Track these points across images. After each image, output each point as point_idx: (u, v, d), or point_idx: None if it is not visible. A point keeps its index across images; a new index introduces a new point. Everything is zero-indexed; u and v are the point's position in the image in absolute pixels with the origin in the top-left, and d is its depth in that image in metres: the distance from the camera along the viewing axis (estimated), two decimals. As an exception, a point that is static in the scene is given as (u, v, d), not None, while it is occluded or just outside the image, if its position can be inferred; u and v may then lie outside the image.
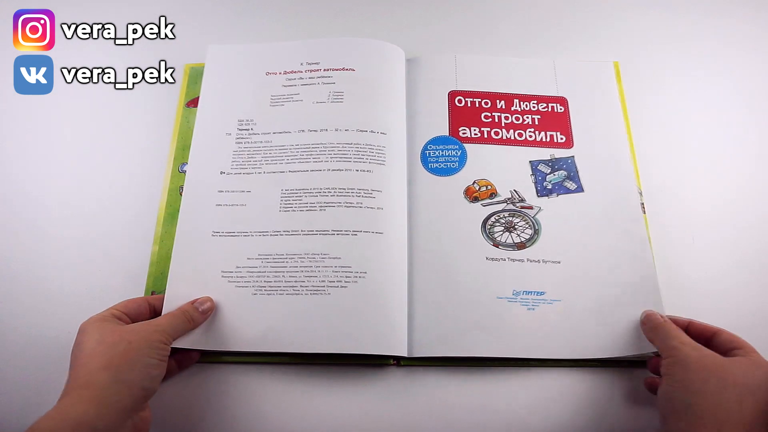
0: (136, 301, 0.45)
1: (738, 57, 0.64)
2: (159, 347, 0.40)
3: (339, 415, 0.46)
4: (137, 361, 0.38)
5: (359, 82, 0.57)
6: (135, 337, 0.39)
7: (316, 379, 0.47)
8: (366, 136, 0.54)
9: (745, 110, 0.61)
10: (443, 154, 0.55)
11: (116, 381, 0.36)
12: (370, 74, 0.57)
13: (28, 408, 0.37)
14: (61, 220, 0.54)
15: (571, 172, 0.54)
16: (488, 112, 0.57)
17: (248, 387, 0.47)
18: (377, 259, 0.49)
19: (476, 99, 0.58)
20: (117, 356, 0.37)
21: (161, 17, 0.65)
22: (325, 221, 0.50)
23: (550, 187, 0.53)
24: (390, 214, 0.51)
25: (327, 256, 0.49)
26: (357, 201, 0.51)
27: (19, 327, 0.49)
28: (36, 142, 0.58)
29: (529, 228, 0.52)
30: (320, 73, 0.58)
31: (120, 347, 0.38)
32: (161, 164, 0.55)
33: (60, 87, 0.62)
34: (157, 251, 0.51)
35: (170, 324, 0.42)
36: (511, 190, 0.53)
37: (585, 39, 0.66)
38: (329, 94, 0.56)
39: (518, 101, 0.58)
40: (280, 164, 0.53)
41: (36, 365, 0.40)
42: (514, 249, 0.51)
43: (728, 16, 0.66)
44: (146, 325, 0.41)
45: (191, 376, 0.47)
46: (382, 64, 0.58)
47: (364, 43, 0.59)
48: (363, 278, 0.48)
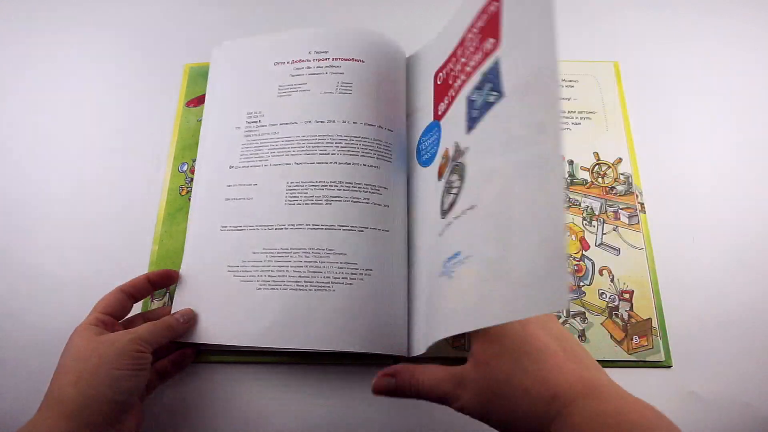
0: (112, 295, 0.44)
1: (738, 57, 0.64)
2: (134, 356, 0.39)
3: (337, 415, 0.46)
4: (106, 375, 0.37)
5: (368, 74, 0.56)
6: (107, 350, 0.38)
7: (314, 380, 0.47)
8: (374, 131, 0.53)
9: (745, 110, 0.62)
10: (429, 143, 0.52)
11: (85, 396, 0.36)
12: (378, 67, 0.56)
13: (27, 409, 0.37)
14: (61, 219, 0.54)
15: (495, 82, 0.38)
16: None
17: (245, 387, 0.47)
18: (383, 257, 0.48)
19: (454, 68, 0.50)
20: (87, 371, 0.37)
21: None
22: (331, 216, 0.49)
23: (476, 114, 0.40)
24: (394, 212, 0.51)
25: (332, 251, 0.48)
26: (364, 197, 0.50)
27: (19, 327, 0.48)
28: (35, 142, 0.57)
29: (459, 180, 0.41)
30: (328, 62, 0.57)
31: (91, 362, 0.38)
32: (161, 164, 0.55)
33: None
34: (156, 251, 0.51)
35: (149, 331, 0.41)
36: (452, 143, 0.44)
37: (585, 39, 0.66)
38: (337, 84, 0.55)
39: None
40: (286, 156, 0.52)
41: (35, 366, 0.39)
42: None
43: (728, 15, 0.67)
44: (123, 334, 0.40)
45: (188, 377, 0.47)
46: (388, 58, 0.57)
47: (372, 34, 0.58)
48: (369, 276, 0.47)
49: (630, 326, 0.49)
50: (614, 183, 0.55)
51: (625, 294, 0.51)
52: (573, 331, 0.49)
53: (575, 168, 0.56)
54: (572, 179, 0.56)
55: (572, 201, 0.55)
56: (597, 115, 0.59)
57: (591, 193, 0.55)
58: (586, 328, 0.49)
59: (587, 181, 0.55)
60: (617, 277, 0.51)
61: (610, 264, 0.52)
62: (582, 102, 0.59)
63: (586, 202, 0.55)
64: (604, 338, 0.49)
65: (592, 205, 0.54)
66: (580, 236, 0.53)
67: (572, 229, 0.53)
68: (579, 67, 0.61)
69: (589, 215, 0.54)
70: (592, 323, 0.49)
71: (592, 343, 0.49)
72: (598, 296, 0.51)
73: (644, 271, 0.52)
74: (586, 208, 0.54)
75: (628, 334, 0.49)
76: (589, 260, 0.52)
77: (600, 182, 0.55)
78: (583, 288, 0.51)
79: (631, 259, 0.52)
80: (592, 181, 0.55)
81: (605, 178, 0.56)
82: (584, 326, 0.49)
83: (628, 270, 0.51)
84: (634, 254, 0.52)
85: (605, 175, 0.56)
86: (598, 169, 0.56)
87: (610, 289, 0.51)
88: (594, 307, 0.50)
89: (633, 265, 0.52)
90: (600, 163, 0.56)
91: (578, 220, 0.54)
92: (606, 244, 0.53)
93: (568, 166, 0.56)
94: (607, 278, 0.51)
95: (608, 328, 0.49)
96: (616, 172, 0.56)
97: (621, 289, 0.51)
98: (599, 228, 0.53)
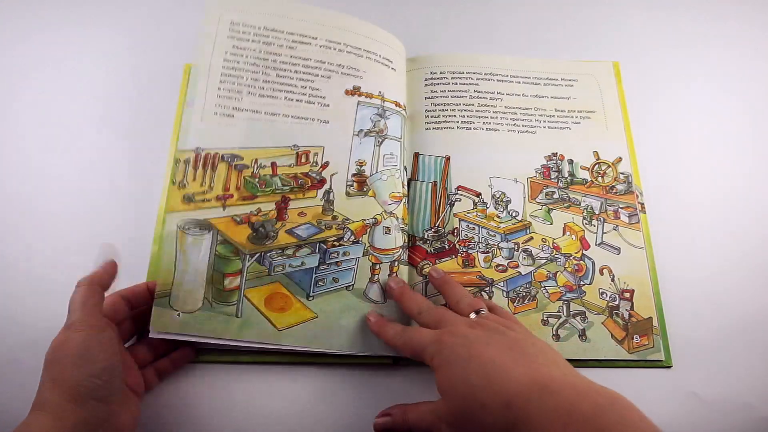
0: (110, 299, 0.42)
1: (738, 57, 0.65)
2: (92, 313, 0.38)
3: (336, 416, 0.45)
4: (74, 356, 0.36)
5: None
6: (71, 343, 0.37)
7: (313, 379, 0.47)
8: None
9: (745, 110, 0.62)
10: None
11: (66, 399, 0.35)
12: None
13: (23, 410, 0.36)
14: (60, 219, 0.53)
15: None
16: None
17: (243, 387, 0.46)
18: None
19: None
20: (58, 365, 0.36)
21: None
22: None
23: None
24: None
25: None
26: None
27: (18, 328, 0.48)
28: (34, 142, 0.57)
29: None
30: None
31: (65, 360, 0.36)
32: (161, 164, 0.54)
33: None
34: (156, 251, 0.49)
35: (80, 298, 0.39)
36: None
37: (585, 39, 0.66)
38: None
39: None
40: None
41: (34, 367, 0.39)
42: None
43: (728, 16, 0.67)
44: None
45: (186, 377, 0.46)
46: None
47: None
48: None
49: (631, 325, 0.49)
50: (614, 182, 0.55)
51: (625, 293, 0.50)
52: (573, 330, 0.49)
53: (575, 167, 0.56)
54: (572, 179, 0.55)
55: (572, 200, 0.54)
56: (597, 114, 0.59)
57: (591, 192, 0.55)
58: (587, 327, 0.49)
59: (587, 181, 0.55)
60: (618, 277, 0.51)
61: (611, 263, 0.52)
62: (581, 101, 0.59)
63: (586, 202, 0.54)
64: (605, 338, 0.49)
65: (592, 205, 0.54)
66: (580, 236, 0.53)
67: (572, 228, 0.53)
68: (578, 66, 0.61)
69: (589, 214, 0.54)
70: (592, 323, 0.49)
71: (593, 343, 0.48)
72: (599, 295, 0.50)
73: (644, 270, 0.51)
74: (587, 208, 0.54)
75: (629, 333, 0.49)
76: (590, 259, 0.52)
77: (600, 181, 0.55)
78: (583, 287, 0.51)
79: (632, 258, 0.52)
80: (592, 181, 0.55)
81: (605, 177, 0.56)
82: (584, 325, 0.49)
83: (628, 269, 0.51)
84: (634, 253, 0.52)
85: (605, 175, 0.56)
86: (597, 168, 0.56)
87: (610, 288, 0.51)
88: (594, 307, 0.50)
89: (633, 264, 0.52)
90: (600, 162, 0.56)
91: (578, 220, 0.54)
92: (606, 244, 0.53)
93: (568, 166, 0.56)
94: (608, 277, 0.51)
95: (609, 328, 0.49)
96: (616, 171, 0.56)
97: (621, 289, 0.51)
98: (599, 227, 0.53)
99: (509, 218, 0.53)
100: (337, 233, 0.49)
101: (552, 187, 0.55)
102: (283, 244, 0.48)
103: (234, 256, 0.47)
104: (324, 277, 0.47)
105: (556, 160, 0.56)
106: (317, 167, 0.50)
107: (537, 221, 0.53)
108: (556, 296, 0.50)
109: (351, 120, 0.52)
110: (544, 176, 0.55)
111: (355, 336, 0.46)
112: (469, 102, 0.58)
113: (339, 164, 0.50)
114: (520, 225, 0.53)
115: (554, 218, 0.54)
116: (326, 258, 0.48)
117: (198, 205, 0.48)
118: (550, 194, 0.55)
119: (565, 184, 0.55)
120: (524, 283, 0.51)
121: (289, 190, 0.49)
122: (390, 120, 0.53)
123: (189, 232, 0.47)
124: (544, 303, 0.50)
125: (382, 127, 0.52)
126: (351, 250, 0.48)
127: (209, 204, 0.48)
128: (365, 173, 0.51)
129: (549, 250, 0.52)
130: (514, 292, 0.50)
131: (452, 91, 0.58)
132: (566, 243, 0.53)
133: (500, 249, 0.52)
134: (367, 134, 0.52)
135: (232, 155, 0.49)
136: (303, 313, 0.46)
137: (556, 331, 0.49)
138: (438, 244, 0.51)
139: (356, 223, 0.49)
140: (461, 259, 0.51)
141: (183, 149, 0.48)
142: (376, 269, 0.48)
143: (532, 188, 0.55)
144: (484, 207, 0.53)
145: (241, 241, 0.47)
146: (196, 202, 0.48)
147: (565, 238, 0.53)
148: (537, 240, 0.53)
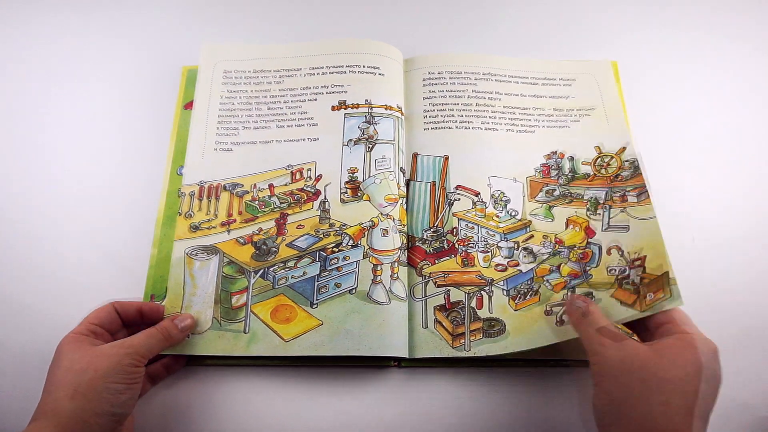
0: (105, 309, 0.43)
1: (738, 56, 0.63)
2: (129, 371, 0.38)
3: (339, 417, 0.45)
4: (104, 389, 0.37)
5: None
6: (103, 363, 0.38)
7: (316, 381, 0.47)
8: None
9: (745, 110, 0.60)
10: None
11: (83, 410, 0.36)
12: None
13: (26, 411, 0.38)
14: (60, 222, 0.54)
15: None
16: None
17: (238, 390, 0.47)
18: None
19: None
20: (83, 385, 0.37)
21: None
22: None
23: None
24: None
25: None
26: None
27: (18, 331, 0.49)
28: (33, 145, 0.58)
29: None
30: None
31: (87, 375, 0.37)
32: (160, 167, 0.55)
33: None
34: (156, 254, 0.51)
35: (145, 344, 0.41)
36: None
37: (583, 38, 0.66)
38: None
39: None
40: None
41: (34, 368, 0.41)
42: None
43: (728, 15, 0.66)
44: (118, 347, 0.39)
45: (180, 380, 0.47)
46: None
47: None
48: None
49: (643, 287, 0.46)
50: (619, 171, 0.54)
51: (636, 261, 0.48)
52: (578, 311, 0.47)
53: (576, 163, 0.55)
54: (573, 175, 0.54)
55: (574, 195, 0.53)
56: (596, 111, 0.58)
57: (594, 185, 0.53)
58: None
59: (589, 174, 0.54)
60: (627, 251, 0.49)
61: (620, 241, 0.50)
62: (580, 100, 0.59)
63: (589, 194, 0.53)
64: (614, 306, 0.46)
65: (596, 195, 0.53)
66: (585, 226, 0.51)
67: (575, 221, 0.52)
68: (577, 65, 0.61)
69: (593, 205, 0.52)
70: (600, 299, 0.47)
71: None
72: (607, 273, 0.48)
73: (657, 235, 0.48)
74: (590, 199, 0.53)
75: (641, 294, 0.46)
76: (596, 245, 0.50)
77: (603, 173, 0.54)
78: (590, 272, 0.49)
79: (642, 229, 0.49)
80: (594, 174, 0.54)
81: (609, 168, 0.54)
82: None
83: (639, 239, 0.49)
84: (644, 225, 0.50)
85: (609, 166, 0.54)
86: (600, 161, 0.55)
87: (619, 263, 0.49)
88: (601, 285, 0.48)
89: (644, 233, 0.49)
90: (603, 155, 0.55)
91: (582, 212, 0.52)
92: (613, 226, 0.51)
93: (569, 163, 0.55)
94: (617, 255, 0.49)
95: (618, 297, 0.47)
96: (620, 160, 0.54)
97: (632, 259, 0.48)
98: (605, 214, 0.52)
99: (508, 217, 0.53)
100: (336, 239, 0.50)
101: (552, 184, 0.54)
102: (284, 257, 0.50)
103: (239, 275, 0.49)
104: (326, 284, 0.49)
105: (556, 159, 0.55)
106: (311, 181, 0.53)
107: (537, 219, 0.53)
108: (560, 287, 0.49)
109: (339, 132, 0.55)
110: (544, 175, 0.55)
111: (360, 338, 0.46)
112: (468, 102, 0.58)
113: (332, 174, 0.53)
114: (519, 224, 0.53)
115: (555, 215, 0.53)
116: (327, 265, 0.49)
117: (204, 232, 0.51)
118: (551, 192, 0.54)
119: (566, 181, 0.54)
120: (525, 281, 0.50)
121: (286, 206, 0.52)
122: (380, 125, 0.55)
123: (196, 257, 0.50)
124: (547, 295, 0.49)
125: (371, 133, 0.54)
126: (351, 253, 0.50)
127: (215, 230, 0.51)
128: (358, 179, 0.53)
129: (551, 245, 0.51)
130: (515, 290, 0.49)
131: (450, 91, 0.59)
132: (569, 235, 0.51)
133: (499, 248, 0.51)
134: (357, 143, 0.54)
135: (233, 184, 0.53)
136: (308, 322, 0.48)
137: (560, 317, 0.47)
138: (437, 244, 0.52)
139: (353, 227, 0.51)
140: (460, 258, 0.51)
141: (188, 183, 0.53)
142: (377, 270, 0.49)
143: (532, 187, 0.54)
144: (483, 206, 0.53)
145: (245, 260, 0.50)
146: (202, 230, 0.51)
147: (567, 231, 0.52)
148: (538, 237, 0.52)
